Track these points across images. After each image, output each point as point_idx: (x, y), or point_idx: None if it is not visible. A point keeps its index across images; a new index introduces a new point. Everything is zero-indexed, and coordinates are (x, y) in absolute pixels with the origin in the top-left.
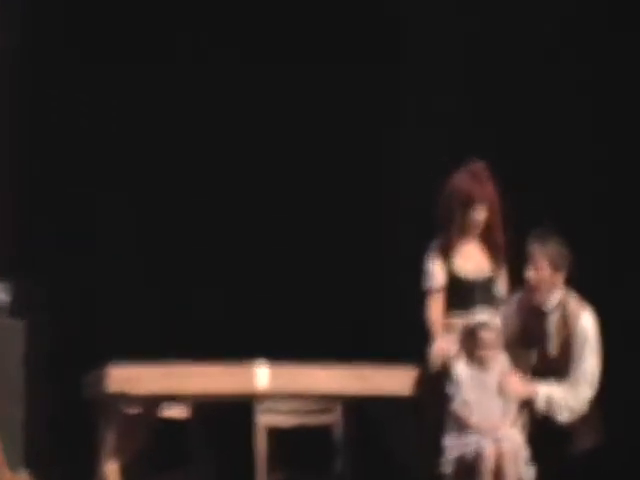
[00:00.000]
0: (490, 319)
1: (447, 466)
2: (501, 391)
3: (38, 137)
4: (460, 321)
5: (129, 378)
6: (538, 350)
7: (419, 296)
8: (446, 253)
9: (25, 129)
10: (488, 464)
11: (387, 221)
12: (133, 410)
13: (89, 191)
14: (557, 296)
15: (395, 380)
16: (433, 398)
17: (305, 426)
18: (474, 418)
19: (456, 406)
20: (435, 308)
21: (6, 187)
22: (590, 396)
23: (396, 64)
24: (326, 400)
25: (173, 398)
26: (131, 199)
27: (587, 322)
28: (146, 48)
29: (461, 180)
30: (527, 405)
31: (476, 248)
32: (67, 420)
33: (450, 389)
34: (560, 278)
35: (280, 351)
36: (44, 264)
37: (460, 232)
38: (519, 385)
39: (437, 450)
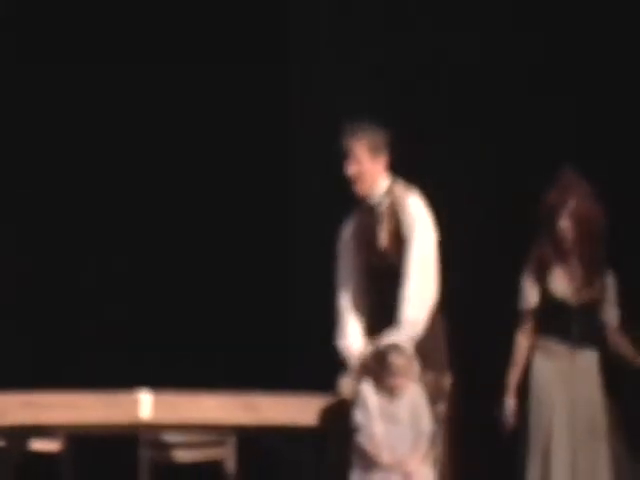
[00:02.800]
0: (402, 342)
1: None
2: (413, 423)
3: None
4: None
5: None
6: (374, 247)
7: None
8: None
9: None
10: None
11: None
12: None
13: None
14: (383, 184)
15: (292, 410)
16: (338, 430)
17: (194, 461)
18: (382, 452)
19: (362, 439)
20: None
21: None
22: (430, 278)
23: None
24: (218, 432)
25: (42, 430)
26: None
27: (414, 205)
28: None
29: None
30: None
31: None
32: None
33: (357, 420)
34: (382, 164)
35: (164, 378)
36: None
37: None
38: None
39: None
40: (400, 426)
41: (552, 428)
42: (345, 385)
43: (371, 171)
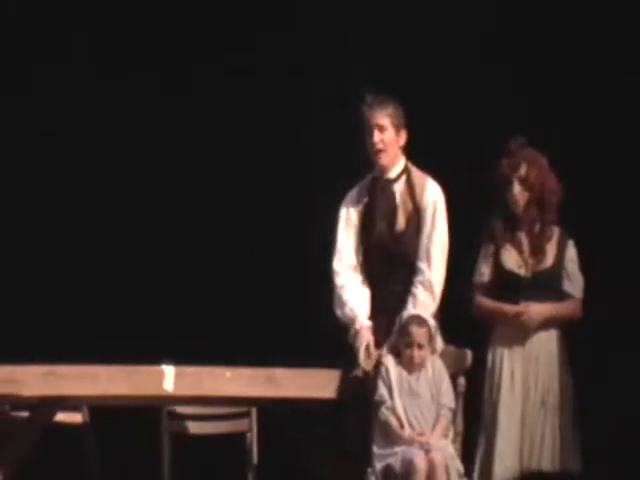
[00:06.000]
0: (424, 314)
1: (372, 478)
2: (433, 397)
3: None
4: None
5: (12, 380)
6: (386, 225)
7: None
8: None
9: None
10: (419, 476)
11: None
12: (20, 414)
13: None
14: (401, 162)
15: (311, 383)
16: (359, 403)
17: (216, 432)
18: (403, 426)
19: (384, 413)
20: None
21: None
22: (444, 264)
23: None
24: (238, 404)
25: (65, 402)
26: None
27: (435, 189)
28: None
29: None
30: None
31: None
32: None
33: (378, 394)
34: (403, 139)
35: (186, 352)
36: None
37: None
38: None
39: (362, 460)
40: (421, 400)
41: (499, 400)
42: (365, 359)
43: (394, 145)
